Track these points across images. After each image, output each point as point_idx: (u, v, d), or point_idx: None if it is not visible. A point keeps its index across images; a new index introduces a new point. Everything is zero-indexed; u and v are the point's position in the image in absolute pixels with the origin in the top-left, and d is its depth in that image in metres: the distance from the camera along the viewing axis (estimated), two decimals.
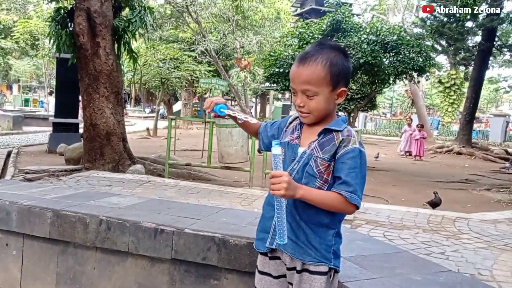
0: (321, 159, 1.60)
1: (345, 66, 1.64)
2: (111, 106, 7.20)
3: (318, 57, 1.61)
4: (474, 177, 9.82)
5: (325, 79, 1.59)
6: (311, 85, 1.59)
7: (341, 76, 1.62)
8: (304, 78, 1.60)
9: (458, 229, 4.86)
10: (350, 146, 1.59)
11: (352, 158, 1.58)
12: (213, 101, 1.74)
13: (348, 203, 1.56)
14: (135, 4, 7.29)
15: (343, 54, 1.66)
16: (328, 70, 1.59)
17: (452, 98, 30.35)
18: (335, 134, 1.62)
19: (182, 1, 17.50)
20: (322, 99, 1.60)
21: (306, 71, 1.60)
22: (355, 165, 1.57)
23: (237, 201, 5.60)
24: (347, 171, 1.57)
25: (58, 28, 7.18)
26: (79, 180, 6.38)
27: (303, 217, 1.63)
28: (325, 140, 1.62)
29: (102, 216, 2.58)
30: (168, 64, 15.90)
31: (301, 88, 1.61)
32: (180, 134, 17.82)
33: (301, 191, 1.53)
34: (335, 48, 1.67)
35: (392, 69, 9.30)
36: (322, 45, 1.68)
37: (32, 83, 47.58)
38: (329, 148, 1.60)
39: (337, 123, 1.65)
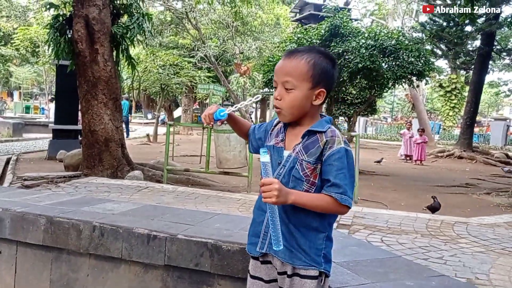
0: (306, 162, 1.60)
1: (329, 70, 1.64)
2: (109, 112, 7.20)
3: (304, 54, 1.62)
4: (475, 181, 9.79)
5: (306, 75, 1.60)
6: (292, 77, 1.60)
7: (323, 77, 1.62)
8: (286, 70, 1.62)
9: (456, 233, 4.84)
10: (336, 146, 1.58)
11: (338, 159, 1.57)
12: (209, 114, 1.71)
13: (339, 205, 1.56)
14: (133, 11, 7.32)
15: (330, 60, 1.66)
16: (312, 67, 1.60)
17: (453, 102, 30.32)
18: (319, 135, 1.62)
19: (181, 7, 17.57)
20: (299, 94, 1.60)
21: (290, 63, 1.62)
22: (342, 166, 1.57)
23: (235, 207, 5.59)
24: (335, 173, 1.56)
25: (57, 35, 7.21)
26: (77, 187, 6.37)
27: (292, 221, 1.62)
28: (309, 142, 1.62)
29: (95, 222, 2.57)
30: (168, 70, 15.94)
31: (282, 80, 1.62)
32: (180, 139, 17.83)
33: (292, 196, 1.53)
34: (323, 53, 1.68)
35: (391, 73, 9.31)
36: (313, 48, 1.69)
37: (33, 90, 47.70)
38: (314, 151, 1.60)
39: (321, 124, 1.65)
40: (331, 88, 1.70)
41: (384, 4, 29.13)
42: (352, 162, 1.62)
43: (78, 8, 6.92)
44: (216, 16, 18.00)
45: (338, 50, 9.24)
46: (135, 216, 2.77)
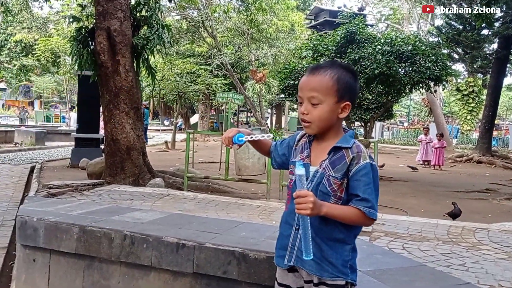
0: (333, 177, 1.68)
1: (352, 84, 1.73)
2: (131, 121, 7.37)
3: (328, 70, 1.70)
4: (495, 186, 9.69)
5: (332, 89, 1.68)
6: (318, 92, 1.68)
7: (347, 90, 1.71)
8: (312, 85, 1.70)
9: (478, 240, 4.81)
10: (362, 162, 1.66)
11: (365, 175, 1.65)
12: (228, 137, 1.80)
13: (367, 218, 1.64)
14: (153, 22, 7.49)
15: (352, 74, 1.75)
16: (336, 81, 1.68)
17: (471, 106, 29.92)
18: (345, 151, 1.69)
19: (197, 16, 17.82)
20: (326, 108, 1.68)
21: (315, 79, 1.70)
22: (369, 181, 1.65)
23: (255, 214, 5.65)
24: (363, 188, 1.64)
25: (80, 47, 7.42)
26: (101, 194, 6.53)
27: (319, 234, 1.69)
28: (336, 159, 1.69)
29: (126, 231, 2.67)
30: (185, 78, 16.16)
31: (308, 95, 1.70)
32: (198, 146, 17.99)
33: (324, 208, 1.60)
34: (346, 67, 1.76)
35: (408, 79, 9.30)
36: (334, 62, 1.78)
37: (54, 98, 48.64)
38: (341, 167, 1.67)
39: (345, 139, 1.72)
40: (355, 101, 1.78)
41: (399, 9, 29.02)
42: (377, 176, 1.69)
43: (100, 20, 7.11)
44: (232, 24, 18.20)
45: (354, 56, 9.28)
46: (163, 225, 2.87)
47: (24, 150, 14.80)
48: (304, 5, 34.07)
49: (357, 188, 1.64)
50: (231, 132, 1.82)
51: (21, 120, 29.62)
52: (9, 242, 4.72)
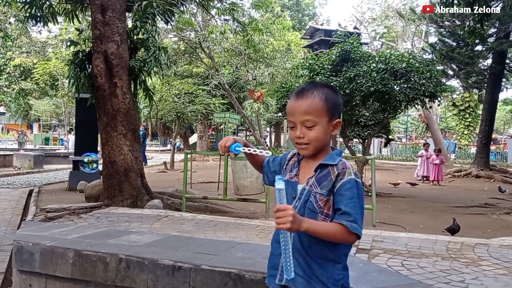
0: (319, 194, 1.69)
1: (337, 100, 1.79)
2: (128, 143, 7.39)
3: (314, 91, 1.75)
4: (494, 201, 9.67)
5: (323, 110, 1.73)
6: (311, 115, 1.72)
7: (335, 108, 1.76)
8: (303, 109, 1.73)
9: (477, 255, 4.78)
10: (346, 178, 1.68)
11: (349, 189, 1.66)
12: (225, 145, 1.85)
13: (349, 233, 1.63)
14: (149, 44, 7.59)
15: (333, 91, 1.80)
16: (324, 102, 1.73)
17: (467, 121, 30.09)
18: (331, 168, 1.71)
19: (195, 37, 18.03)
20: (321, 129, 1.72)
21: (305, 103, 1.73)
22: (353, 195, 1.66)
23: (254, 233, 5.62)
24: (345, 202, 1.65)
25: (77, 70, 7.49)
26: (99, 217, 6.50)
27: (309, 253, 1.70)
28: (322, 176, 1.72)
29: (121, 255, 2.67)
30: (183, 98, 16.26)
31: (301, 119, 1.73)
32: (197, 166, 17.99)
33: (305, 224, 1.59)
34: (326, 85, 1.82)
35: (403, 96, 9.38)
36: (314, 83, 1.83)
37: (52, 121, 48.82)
38: (326, 183, 1.69)
39: (332, 157, 1.75)
40: (341, 114, 1.85)
41: (393, 27, 29.41)
42: (362, 194, 1.70)
43: (97, 44, 7.21)
44: (229, 44, 18.41)
45: (350, 74, 9.37)
46: (160, 247, 2.87)
47: (22, 174, 14.78)
48: (300, 24, 34.55)
49: (340, 202, 1.66)
50: (228, 141, 1.85)
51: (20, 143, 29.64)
52: (7, 268, 4.69)
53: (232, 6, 13.71)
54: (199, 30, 17.50)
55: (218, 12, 14.07)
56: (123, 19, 7.40)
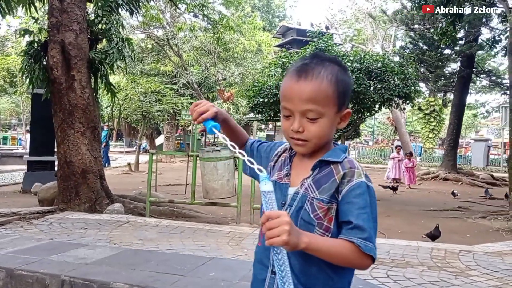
0: (318, 200, 1.25)
1: (349, 83, 1.33)
2: (87, 142, 6.78)
3: (321, 70, 1.27)
4: (466, 204, 9.59)
5: (332, 97, 1.26)
6: (317, 105, 1.25)
7: (346, 95, 1.31)
8: (307, 95, 1.24)
9: (464, 264, 4.53)
10: (355, 180, 1.24)
11: (360, 196, 1.22)
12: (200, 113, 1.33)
13: (362, 254, 1.19)
14: (112, 35, 7.00)
15: (344, 69, 1.33)
16: (335, 87, 1.26)
17: (432, 124, 30.70)
18: (334, 167, 1.27)
19: (163, 35, 17.38)
20: (326, 122, 1.27)
21: (309, 86, 1.25)
22: (365, 204, 1.22)
23: (224, 241, 5.18)
24: (357, 212, 1.21)
25: (31, 62, 6.82)
26: (51, 223, 5.88)
27: (304, 281, 1.26)
28: (322, 176, 1.27)
29: (64, 276, 2.16)
30: (149, 97, 15.58)
31: (303, 109, 1.26)
32: (163, 168, 17.33)
33: (305, 238, 1.14)
34: (335, 61, 1.34)
35: (378, 96, 9.15)
36: (319, 57, 1.33)
37: (12, 120, 46.78)
38: (328, 186, 1.25)
39: (335, 153, 1.31)
40: None
41: (363, 30, 29.59)
42: (375, 202, 1.28)
43: (53, 33, 6.57)
44: (198, 42, 17.85)
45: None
46: (113, 266, 2.36)
47: None
48: (270, 26, 34.26)
49: (349, 212, 1.21)
50: (205, 108, 1.33)
51: None
52: None
53: (202, 2, 13.23)
54: (167, 27, 16.87)
55: (187, 8, 13.55)
56: (83, 7, 6.79)
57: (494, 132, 41.64)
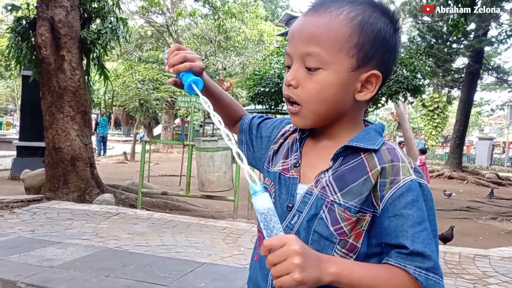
0: (342, 208, 0.83)
1: (389, 37, 0.87)
2: (77, 127, 6.36)
3: (345, 7, 0.85)
4: (475, 204, 9.20)
5: (347, 43, 0.83)
6: (320, 46, 0.83)
7: (377, 50, 0.85)
8: (310, 32, 0.84)
9: (481, 270, 4.16)
10: (402, 180, 0.82)
11: (413, 204, 0.81)
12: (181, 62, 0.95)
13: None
14: (105, 14, 6.55)
15: (391, 21, 0.88)
16: (357, 28, 0.83)
17: (435, 122, 30.15)
18: (366, 158, 0.85)
19: (162, 20, 16.90)
20: (331, 78, 0.84)
21: (316, 22, 0.84)
22: (422, 216, 0.81)
23: (219, 237, 4.79)
24: (412, 232, 0.80)
25: (18, 39, 6.39)
26: (36, 213, 5.48)
27: None
28: (348, 170, 0.85)
29: (21, 283, 1.74)
30: (147, 85, 15.11)
31: (302, 51, 0.85)
32: (160, 158, 16.95)
33: (331, 267, 0.76)
34: (380, 6, 0.88)
35: (386, 88, 8.71)
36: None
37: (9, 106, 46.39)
38: (357, 187, 0.83)
39: (368, 135, 0.88)
40: (391, 70, 0.92)
41: None
42: (434, 207, 0.86)
43: (42, 9, 6.12)
44: (199, 30, 17.36)
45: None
46: (83, 270, 1.95)
47: None
48: (273, 16, 33.67)
49: (400, 233, 0.80)
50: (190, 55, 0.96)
51: None
52: None
53: None
54: (167, 13, 16.38)
55: None
56: None
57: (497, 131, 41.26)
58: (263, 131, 1.08)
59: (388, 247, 0.82)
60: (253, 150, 1.09)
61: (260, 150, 1.07)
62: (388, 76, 0.91)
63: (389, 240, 0.81)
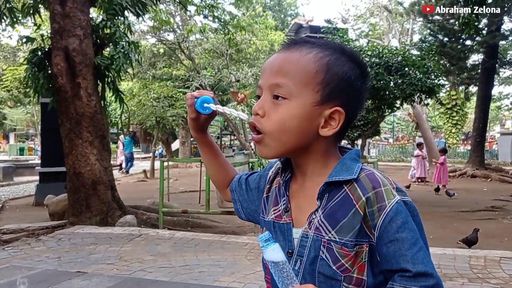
0: (339, 245, 0.85)
1: (353, 81, 0.90)
2: (96, 151, 6.49)
3: (314, 48, 0.90)
4: (499, 203, 9.00)
5: (313, 79, 0.88)
6: (288, 79, 0.87)
7: (341, 88, 0.89)
8: (279, 64, 0.90)
9: (508, 274, 4.09)
10: (389, 205, 0.84)
11: (404, 227, 0.84)
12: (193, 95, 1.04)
13: None
14: (117, 39, 6.70)
15: (359, 68, 0.92)
16: (323, 67, 0.88)
17: (455, 119, 29.61)
18: (349, 190, 0.87)
19: (174, 38, 17.14)
20: (295, 109, 0.87)
21: (287, 57, 0.90)
22: (415, 235, 0.84)
23: (242, 254, 4.82)
24: (411, 254, 0.83)
25: (35, 70, 6.58)
26: (61, 239, 5.60)
27: None
28: (336, 206, 0.87)
29: None
30: (162, 102, 15.31)
31: (271, 82, 0.89)
32: (179, 174, 17.09)
33: None
34: (349, 53, 0.93)
35: (400, 92, 8.65)
36: (331, 43, 0.95)
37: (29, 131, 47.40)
38: (348, 222, 0.85)
39: (344, 166, 0.90)
40: (355, 113, 0.94)
41: (379, 24, 28.90)
42: (420, 221, 0.89)
43: (56, 39, 6.30)
44: (210, 45, 17.53)
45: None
46: None
47: None
48: (282, 25, 33.77)
49: (400, 257, 0.83)
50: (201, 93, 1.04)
51: None
52: None
53: (212, 3, 12.92)
54: (178, 30, 16.62)
55: (197, 9, 13.25)
56: (86, 11, 6.51)
57: None
58: (251, 184, 1.11)
59: (391, 273, 0.85)
60: (247, 204, 1.11)
61: (254, 202, 1.10)
62: (353, 117, 0.94)
63: (391, 266, 0.84)
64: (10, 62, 21.15)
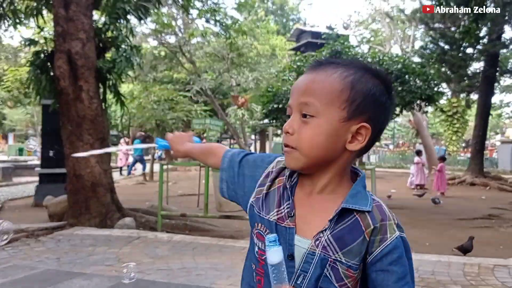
0: (345, 266, 0.92)
1: (379, 98, 0.95)
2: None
3: (339, 68, 0.97)
4: (497, 211, 9.04)
5: (339, 97, 0.93)
6: (315, 98, 0.93)
7: (367, 104, 0.94)
8: (307, 86, 0.96)
9: (500, 281, 4.14)
10: (389, 239, 0.92)
11: (398, 261, 0.92)
12: None
13: None
14: (119, 43, 6.76)
15: (384, 85, 0.97)
16: (349, 86, 0.94)
17: (455, 127, 29.56)
18: (360, 217, 0.93)
19: (175, 41, 17.24)
20: (323, 126, 0.93)
21: (313, 78, 0.96)
22: (405, 271, 0.93)
23: (239, 258, 4.85)
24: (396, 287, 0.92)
25: (38, 72, 6.65)
26: (60, 240, 5.65)
27: None
28: (345, 230, 0.93)
29: None
30: (162, 105, 15.37)
31: (299, 101, 0.95)
32: (178, 177, 17.12)
33: None
34: (374, 71, 0.98)
35: (399, 99, 8.71)
36: (355, 61, 1.01)
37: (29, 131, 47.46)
38: (356, 247, 0.92)
39: (359, 193, 0.96)
40: (382, 127, 0.99)
41: (381, 30, 29.01)
42: (411, 255, 0.97)
43: (59, 42, 6.37)
44: (211, 48, 17.62)
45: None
46: None
47: None
48: (284, 29, 33.90)
49: (386, 285, 0.92)
50: None
51: None
52: None
53: (214, 7, 13.01)
54: (179, 34, 16.71)
55: (199, 13, 13.35)
56: (89, 15, 6.57)
57: None
58: (245, 169, 1.11)
59: None
60: (234, 187, 1.12)
61: (242, 188, 1.09)
62: (380, 131, 0.99)
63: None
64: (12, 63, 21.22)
